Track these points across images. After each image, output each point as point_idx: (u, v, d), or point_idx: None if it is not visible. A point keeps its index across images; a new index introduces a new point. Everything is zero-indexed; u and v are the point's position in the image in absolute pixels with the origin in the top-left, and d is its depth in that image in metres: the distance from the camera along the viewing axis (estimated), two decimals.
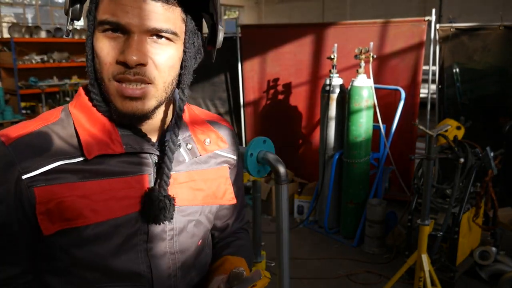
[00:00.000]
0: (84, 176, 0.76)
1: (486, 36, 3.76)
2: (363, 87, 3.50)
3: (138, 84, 0.73)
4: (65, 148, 0.76)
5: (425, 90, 4.38)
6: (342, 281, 3.12)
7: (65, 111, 0.81)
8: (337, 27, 4.43)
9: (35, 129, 0.77)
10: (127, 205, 0.78)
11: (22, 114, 9.37)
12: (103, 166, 0.77)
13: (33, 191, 0.74)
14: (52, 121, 0.79)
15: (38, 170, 0.74)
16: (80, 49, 11.25)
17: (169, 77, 0.76)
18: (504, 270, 2.92)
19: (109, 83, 0.74)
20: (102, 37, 0.74)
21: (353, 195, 3.68)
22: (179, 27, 0.76)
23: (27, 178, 0.73)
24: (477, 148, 2.87)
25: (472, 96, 3.92)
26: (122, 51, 0.72)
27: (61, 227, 0.75)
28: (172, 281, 0.85)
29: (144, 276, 0.81)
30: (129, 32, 0.72)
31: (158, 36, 0.74)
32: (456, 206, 2.87)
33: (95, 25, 0.75)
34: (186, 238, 0.86)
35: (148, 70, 0.73)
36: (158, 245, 0.82)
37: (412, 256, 2.58)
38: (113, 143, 0.77)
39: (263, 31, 5.40)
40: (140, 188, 0.80)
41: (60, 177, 0.75)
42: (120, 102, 0.74)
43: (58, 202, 0.74)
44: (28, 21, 12.41)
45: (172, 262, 0.84)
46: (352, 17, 12.31)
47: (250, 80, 5.14)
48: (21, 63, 9.55)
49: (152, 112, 0.78)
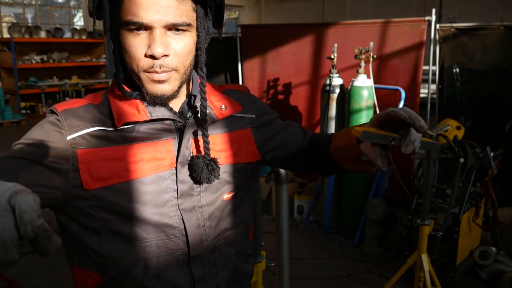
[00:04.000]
0: (117, 141, 0.90)
1: (486, 36, 3.76)
2: (363, 87, 3.50)
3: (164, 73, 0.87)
4: (103, 119, 0.91)
5: (425, 90, 4.38)
6: (342, 281, 3.12)
7: (105, 95, 0.97)
8: (337, 27, 4.43)
9: (82, 104, 0.94)
10: (155, 166, 0.91)
11: (22, 114, 9.36)
12: (132, 133, 0.91)
13: (76, 152, 0.87)
14: (96, 102, 0.95)
15: (79, 132, 0.88)
16: (80, 49, 11.24)
17: (187, 61, 0.89)
18: (504, 270, 2.92)
19: (140, 74, 0.87)
20: (128, 35, 0.86)
21: (353, 195, 3.68)
22: (191, 17, 0.87)
23: (71, 139, 0.88)
24: (477, 148, 2.87)
25: (472, 96, 3.92)
26: (149, 45, 0.84)
27: (100, 185, 0.87)
28: (202, 230, 0.96)
29: (177, 227, 0.93)
30: (151, 27, 0.83)
31: (175, 29, 0.86)
32: (456, 206, 2.87)
33: (120, 24, 0.86)
34: (210, 194, 0.97)
35: (171, 60, 0.86)
36: (187, 200, 0.94)
37: (412, 256, 2.58)
38: (139, 112, 0.91)
39: (263, 31, 5.40)
40: (166, 151, 0.92)
41: (97, 142, 0.89)
42: (151, 86, 0.88)
43: (96, 163, 0.87)
44: (28, 21, 12.41)
45: (200, 215, 0.96)
46: (352, 17, 12.32)
47: (250, 80, 5.14)
48: (21, 63, 9.56)
49: (177, 92, 0.91)
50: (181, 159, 0.93)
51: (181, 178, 0.93)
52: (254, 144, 1.06)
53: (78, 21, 13.59)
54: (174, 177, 0.92)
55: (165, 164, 0.91)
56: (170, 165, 0.92)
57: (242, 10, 15.22)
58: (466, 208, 2.88)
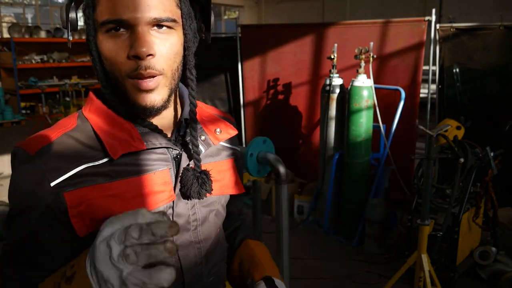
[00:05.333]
0: (111, 177, 0.79)
1: (486, 36, 3.76)
2: (363, 87, 3.50)
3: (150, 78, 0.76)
4: (87, 152, 0.79)
5: (425, 90, 4.38)
6: (342, 281, 3.12)
7: (80, 118, 0.85)
8: (337, 27, 4.43)
9: (55, 137, 0.80)
10: (153, 200, 0.82)
11: (22, 114, 9.36)
12: (127, 165, 0.80)
13: (63, 196, 0.76)
14: (70, 128, 0.82)
15: (64, 175, 0.76)
16: (80, 49, 11.23)
17: (175, 63, 0.80)
18: (504, 270, 2.92)
19: (124, 81, 0.77)
20: (107, 38, 0.76)
21: (353, 195, 3.68)
22: (176, 13, 0.79)
23: (56, 185, 0.76)
24: (477, 148, 2.87)
25: (472, 96, 3.92)
26: (131, 45, 0.74)
27: (94, 228, 0.76)
28: (199, 269, 0.90)
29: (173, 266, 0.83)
30: (132, 26, 0.74)
31: (159, 26, 0.77)
32: (456, 206, 2.87)
33: (96, 28, 0.78)
34: (208, 228, 0.91)
35: (157, 62, 0.76)
36: (183, 235, 0.87)
37: (412, 256, 2.58)
38: (134, 140, 0.80)
39: (263, 31, 5.40)
40: (163, 183, 0.83)
41: (87, 180, 0.77)
42: (137, 96, 0.78)
43: (88, 204, 0.77)
44: (28, 21, 12.41)
45: (198, 251, 0.89)
46: (352, 17, 12.32)
47: (250, 80, 5.14)
48: (21, 63, 9.56)
49: (167, 102, 0.81)
50: (179, 190, 0.85)
51: (178, 212, 0.86)
52: (238, 176, 1.01)
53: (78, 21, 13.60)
54: (171, 211, 0.85)
55: (163, 197, 0.83)
56: (169, 198, 0.84)
57: (242, 10, 15.22)
58: (466, 208, 2.88)
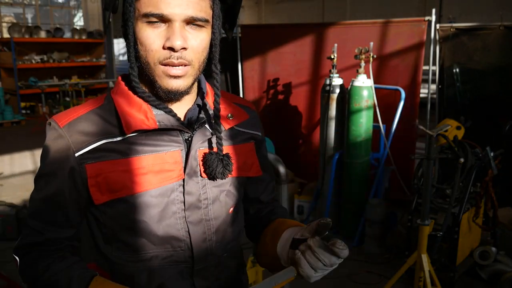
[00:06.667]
0: (126, 153, 0.90)
1: (486, 36, 3.76)
2: (363, 87, 3.50)
3: (180, 66, 0.87)
4: (108, 128, 0.91)
5: (425, 90, 4.38)
6: (342, 281, 3.12)
7: (107, 98, 0.95)
8: (337, 27, 4.43)
9: (83, 113, 0.92)
10: (163, 178, 0.91)
11: (22, 114, 9.36)
12: (141, 144, 0.91)
13: (85, 167, 0.89)
14: (97, 106, 0.94)
15: (87, 148, 0.89)
16: (80, 49, 11.23)
17: (202, 57, 0.90)
18: (504, 270, 2.92)
19: (155, 67, 0.87)
20: (146, 27, 0.86)
21: (353, 195, 3.68)
22: (208, 14, 0.89)
23: (79, 155, 0.89)
24: (477, 148, 2.87)
25: (472, 96, 3.92)
26: (168, 38, 0.84)
27: (109, 198, 0.89)
28: (208, 244, 0.97)
29: (183, 240, 0.94)
30: (171, 20, 0.84)
31: (193, 23, 0.86)
32: (456, 206, 2.87)
33: (137, 16, 0.86)
34: (218, 207, 0.98)
35: (188, 54, 0.87)
36: (194, 212, 0.94)
37: (412, 256, 2.58)
38: (148, 120, 0.90)
39: (263, 31, 5.40)
40: (174, 162, 0.92)
41: (105, 155, 0.89)
42: (166, 81, 0.88)
43: (105, 177, 0.89)
44: (28, 21, 12.41)
45: (207, 228, 0.96)
46: (352, 17, 12.32)
47: (250, 80, 5.14)
48: (21, 63, 9.56)
49: (190, 88, 0.92)
50: (189, 170, 0.93)
51: (188, 190, 0.93)
52: (257, 160, 1.08)
53: (78, 21, 13.59)
54: (181, 189, 0.93)
55: (173, 176, 0.92)
56: (178, 177, 0.92)
57: (242, 10, 15.21)
58: (466, 208, 2.88)
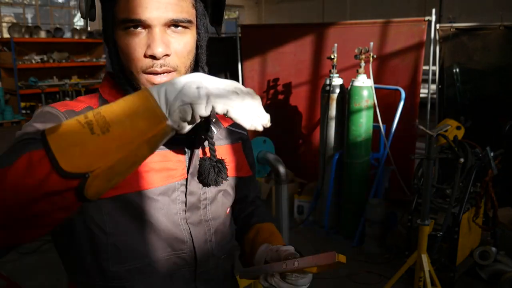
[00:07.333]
0: None
1: (486, 36, 3.76)
2: (363, 87, 3.50)
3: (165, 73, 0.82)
4: None
5: (425, 90, 4.38)
6: (342, 281, 3.11)
7: (101, 98, 0.90)
8: (337, 27, 4.43)
9: (81, 109, 0.87)
10: (165, 176, 0.87)
11: (22, 114, 9.36)
12: None
13: None
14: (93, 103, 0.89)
15: None
16: (80, 49, 11.23)
17: (188, 61, 0.85)
18: (504, 270, 2.92)
19: (139, 76, 0.82)
20: (125, 34, 0.81)
21: (353, 195, 3.68)
22: (191, 14, 0.84)
23: None
24: (477, 148, 2.87)
25: (472, 96, 3.92)
26: (148, 45, 0.79)
27: (108, 195, 0.81)
28: (209, 246, 0.94)
29: (186, 242, 0.90)
30: (150, 26, 0.79)
31: (175, 26, 0.81)
32: (456, 206, 2.87)
33: (115, 24, 0.82)
34: (217, 207, 0.96)
35: (172, 60, 0.81)
36: (194, 213, 0.91)
37: (412, 256, 2.58)
38: None
39: (263, 31, 5.40)
40: (177, 161, 0.89)
41: None
42: None
43: None
44: (28, 21, 12.40)
45: (207, 229, 0.94)
46: (352, 17, 12.31)
47: (250, 80, 5.14)
48: (21, 63, 9.55)
49: None
50: (192, 169, 0.90)
51: (191, 190, 0.90)
52: (245, 160, 1.06)
53: (78, 21, 13.58)
54: (183, 188, 0.90)
55: (176, 174, 0.88)
56: (181, 176, 0.89)
57: (242, 10, 15.21)
58: (466, 208, 2.88)
